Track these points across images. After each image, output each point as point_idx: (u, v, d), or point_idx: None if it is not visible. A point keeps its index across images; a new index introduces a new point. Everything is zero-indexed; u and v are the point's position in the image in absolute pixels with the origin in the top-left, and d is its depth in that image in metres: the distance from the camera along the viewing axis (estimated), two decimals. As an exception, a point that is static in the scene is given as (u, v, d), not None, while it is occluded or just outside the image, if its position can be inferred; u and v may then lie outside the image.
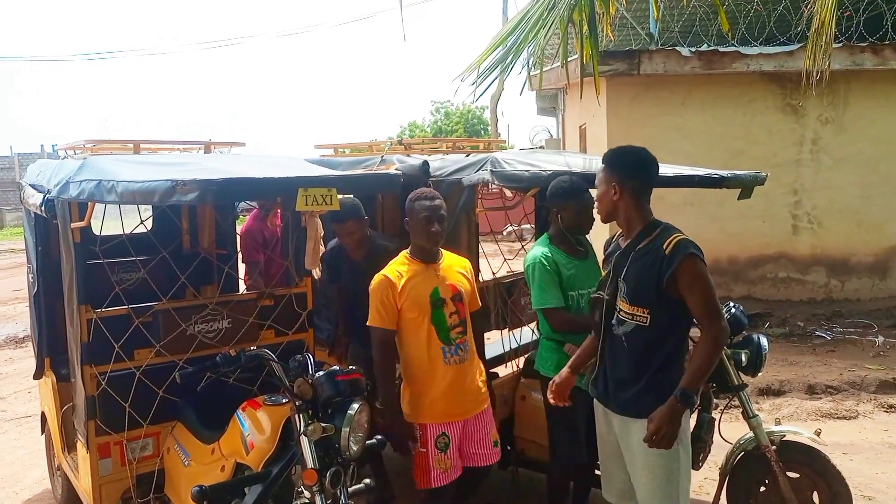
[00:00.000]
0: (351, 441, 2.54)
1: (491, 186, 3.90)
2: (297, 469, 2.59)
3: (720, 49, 8.07)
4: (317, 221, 3.27)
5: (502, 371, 4.33)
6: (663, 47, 8.28)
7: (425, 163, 3.89)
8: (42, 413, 4.30)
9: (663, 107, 8.48)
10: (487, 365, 3.70)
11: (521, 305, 4.35)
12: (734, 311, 3.43)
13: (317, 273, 3.53)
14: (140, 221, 3.95)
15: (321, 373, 2.60)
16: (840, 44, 7.71)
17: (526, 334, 4.44)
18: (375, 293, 3.10)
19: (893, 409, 5.60)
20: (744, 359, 3.38)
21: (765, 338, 3.47)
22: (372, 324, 3.12)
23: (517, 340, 4.35)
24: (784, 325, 7.89)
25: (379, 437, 2.79)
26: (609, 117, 8.52)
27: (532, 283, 3.39)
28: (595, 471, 3.53)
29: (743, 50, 7.98)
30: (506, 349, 4.35)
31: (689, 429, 2.69)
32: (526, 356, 4.14)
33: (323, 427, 2.52)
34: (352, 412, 2.54)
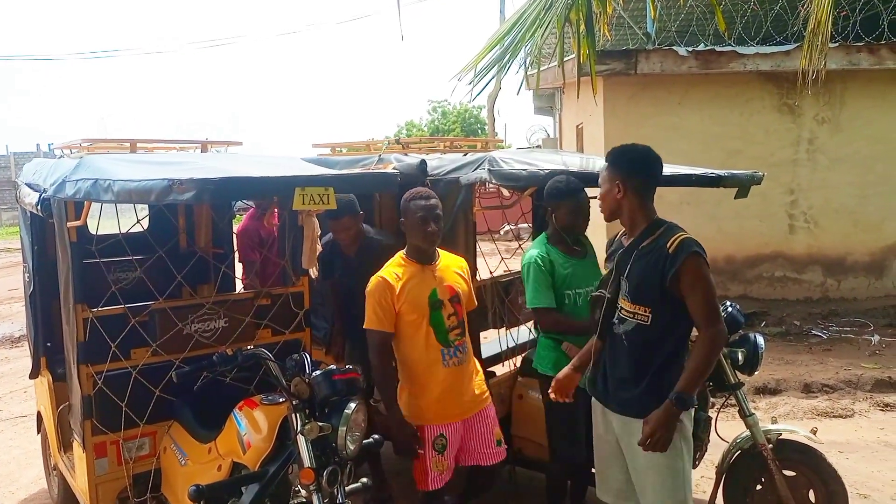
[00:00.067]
0: (348, 440, 2.54)
1: (488, 185, 3.90)
2: (294, 468, 2.59)
3: (717, 49, 8.08)
4: (314, 221, 3.27)
5: (499, 370, 4.33)
6: (660, 47, 8.29)
7: (423, 162, 3.89)
8: (38, 412, 4.28)
9: (660, 106, 8.49)
10: (484, 364, 3.70)
11: (518, 304, 4.35)
12: (731, 310, 3.44)
13: (314, 272, 3.53)
14: (136, 221, 3.95)
15: (318, 372, 2.60)
16: (836, 43, 7.73)
17: (523, 333, 4.44)
18: (372, 295, 3.04)
19: (889, 408, 5.61)
20: (740, 357, 3.39)
21: (761, 337, 3.48)
22: (369, 326, 3.05)
23: (514, 339, 4.34)
24: (780, 324, 7.90)
25: (376, 437, 2.79)
26: (606, 117, 8.54)
27: (527, 283, 3.39)
28: (592, 469, 3.53)
29: (740, 50, 8.00)
30: (503, 348, 4.35)
31: (691, 426, 2.69)
32: (523, 355, 4.14)
33: (320, 426, 2.52)
34: (349, 411, 2.54)
